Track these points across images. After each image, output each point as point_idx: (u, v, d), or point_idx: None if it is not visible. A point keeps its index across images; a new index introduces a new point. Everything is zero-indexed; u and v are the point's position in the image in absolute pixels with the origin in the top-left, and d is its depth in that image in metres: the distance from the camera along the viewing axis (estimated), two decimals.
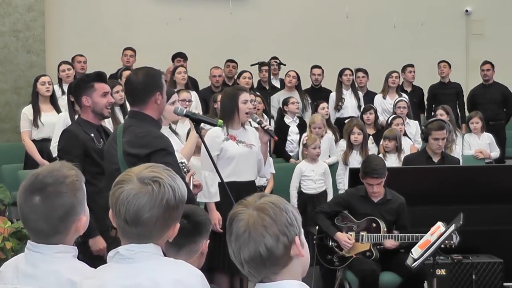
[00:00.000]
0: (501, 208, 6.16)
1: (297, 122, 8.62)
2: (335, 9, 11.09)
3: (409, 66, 10.06)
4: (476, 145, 8.68)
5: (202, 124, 4.45)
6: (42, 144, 7.43)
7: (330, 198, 7.06)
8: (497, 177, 6.47)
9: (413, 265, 4.88)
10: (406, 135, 8.14)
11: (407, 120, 8.53)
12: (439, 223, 4.98)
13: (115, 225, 2.19)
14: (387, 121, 8.28)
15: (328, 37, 11.04)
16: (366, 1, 11.31)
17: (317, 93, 9.62)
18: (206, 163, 4.96)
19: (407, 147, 7.89)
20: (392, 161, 7.34)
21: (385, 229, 5.70)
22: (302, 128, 8.44)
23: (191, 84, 8.88)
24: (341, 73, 9.37)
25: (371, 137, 8.14)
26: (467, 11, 11.64)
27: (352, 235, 5.76)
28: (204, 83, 9.71)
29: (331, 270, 5.93)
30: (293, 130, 8.56)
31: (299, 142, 8.20)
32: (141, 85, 3.90)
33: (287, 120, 8.62)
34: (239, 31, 10.80)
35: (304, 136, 7.83)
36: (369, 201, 5.78)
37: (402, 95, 9.24)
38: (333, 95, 9.37)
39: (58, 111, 7.43)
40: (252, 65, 9.26)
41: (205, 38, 10.58)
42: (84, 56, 9.33)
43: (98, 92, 4.60)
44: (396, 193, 5.81)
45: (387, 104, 9.20)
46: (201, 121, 4.41)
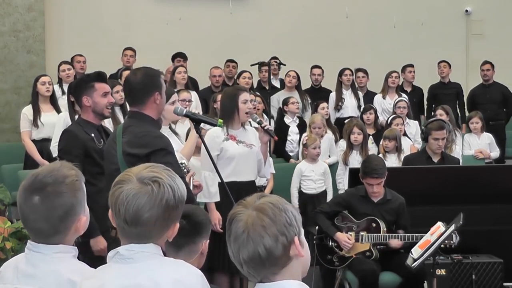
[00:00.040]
0: (501, 208, 6.16)
1: (297, 122, 8.62)
2: (335, 9, 11.09)
3: (409, 66, 10.05)
4: (476, 145, 8.67)
5: (202, 124, 4.45)
6: (42, 144, 7.43)
7: (330, 198, 7.05)
8: (497, 177, 6.46)
9: (413, 265, 4.88)
10: (406, 135, 8.14)
11: (407, 120, 8.52)
12: (439, 223, 4.98)
13: (115, 225, 2.19)
14: (387, 121, 8.28)
15: (328, 37, 11.03)
16: (366, 1, 11.31)
17: (317, 93, 9.62)
18: (206, 163, 4.95)
19: (407, 147, 7.88)
20: (392, 161, 7.33)
21: (385, 229, 5.69)
22: (302, 128, 8.43)
23: (191, 84, 8.87)
24: (341, 73, 9.37)
25: (371, 137, 8.13)
26: (467, 11, 11.63)
27: (352, 235, 5.76)
28: (204, 83, 9.70)
29: (331, 270, 5.92)
30: (293, 130, 8.56)
31: (299, 142, 8.20)
32: (140, 85, 3.90)
33: (287, 120, 8.62)
34: (239, 31, 10.80)
35: (304, 136, 7.83)
36: (369, 201, 5.77)
37: (402, 95, 9.23)
38: (333, 95, 9.37)
39: (58, 111, 7.43)
40: (252, 65, 9.26)
41: (205, 38, 10.58)
42: (83, 56, 9.33)
43: (99, 92, 4.60)
44: (396, 193, 5.80)
45: (387, 104, 9.20)
46: (201, 121, 4.41)
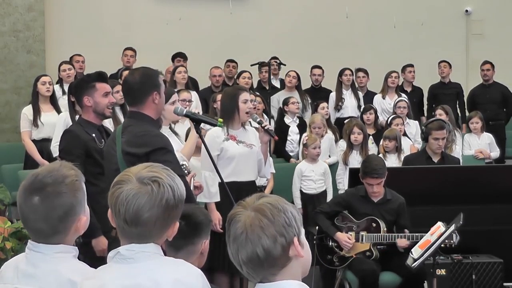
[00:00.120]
0: (501, 208, 6.16)
1: (297, 122, 8.62)
2: (335, 9, 11.09)
3: (409, 66, 10.05)
4: (476, 145, 8.67)
5: (202, 124, 4.45)
6: (42, 144, 7.43)
7: (330, 198, 7.05)
8: (497, 177, 6.46)
9: (413, 265, 4.88)
10: (406, 135, 8.14)
11: (407, 120, 8.52)
12: (439, 223, 4.98)
13: (114, 225, 2.19)
14: (387, 121, 8.27)
15: (328, 37, 11.03)
16: (366, 1, 11.31)
17: (317, 93, 9.62)
18: (206, 163, 4.95)
19: (407, 147, 7.88)
20: (392, 161, 7.33)
21: (385, 229, 5.69)
22: (302, 128, 8.43)
23: (191, 84, 8.87)
24: (341, 73, 9.37)
25: (371, 137, 8.13)
26: (467, 11, 11.63)
27: (352, 235, 5.76)
28: (204, 83, 9.70)
29: (331, 270, 5.92)
30: (293, 130, 8.56)
31: (299, 142, 8.20)
32: (138, 85, 3.91)
33: (287, 120, 8.62)
34: (239, 31, 10.80)
35: (304, 136, 7.83)
36: (369, 201, 5.77)
37: (402, 95, 9.23)
38: (333, 95, 9.36)
39: (58, 111, 7.43)
40: (252, 65, 9.26)
41: (205, 38, 10.58)
42: (82, 56, 9.34)
43: (100, 92, 4.61)
44: (396, 193, 5.80)
45: (387, 104, 9.20)
46: (201, 121, 4.41)
